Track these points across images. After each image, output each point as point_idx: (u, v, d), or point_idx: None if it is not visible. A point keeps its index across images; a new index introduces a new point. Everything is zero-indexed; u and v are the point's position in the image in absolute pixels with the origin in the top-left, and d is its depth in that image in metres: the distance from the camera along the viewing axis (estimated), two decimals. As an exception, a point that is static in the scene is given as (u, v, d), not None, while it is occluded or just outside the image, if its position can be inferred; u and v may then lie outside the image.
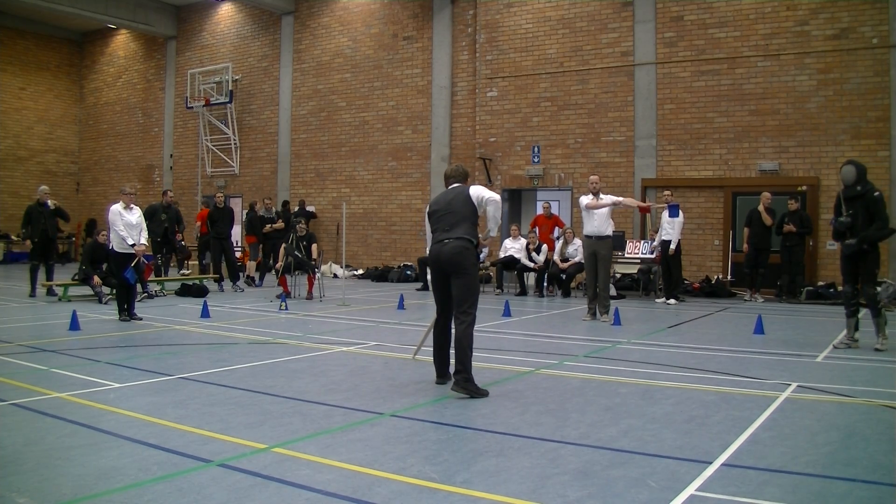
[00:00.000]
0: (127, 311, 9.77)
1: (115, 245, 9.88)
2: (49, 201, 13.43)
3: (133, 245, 9.89)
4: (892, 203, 13.30)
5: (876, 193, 7.69)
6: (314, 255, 13.24)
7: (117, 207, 10.01)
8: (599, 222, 10.19)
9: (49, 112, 25.90)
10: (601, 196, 10.26)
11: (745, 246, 13.43)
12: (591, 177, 10.76)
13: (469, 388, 5.42)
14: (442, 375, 5.92)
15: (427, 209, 6.02)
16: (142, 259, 10.28)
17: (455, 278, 5.58)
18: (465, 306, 5.55)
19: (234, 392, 5.52)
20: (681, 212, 12.89)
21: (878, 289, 8.30)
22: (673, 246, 12.65)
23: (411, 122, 18.85)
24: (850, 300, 7.89)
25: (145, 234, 10.33)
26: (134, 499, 3.31)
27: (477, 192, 5.77)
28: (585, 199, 10.32)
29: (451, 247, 5.57)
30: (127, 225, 9.94)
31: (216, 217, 14.80)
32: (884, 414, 5.09)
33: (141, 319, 9.73)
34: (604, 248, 10.22)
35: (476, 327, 5.67)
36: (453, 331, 5.63)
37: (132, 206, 10.23)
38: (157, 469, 3.70)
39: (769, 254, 13.29)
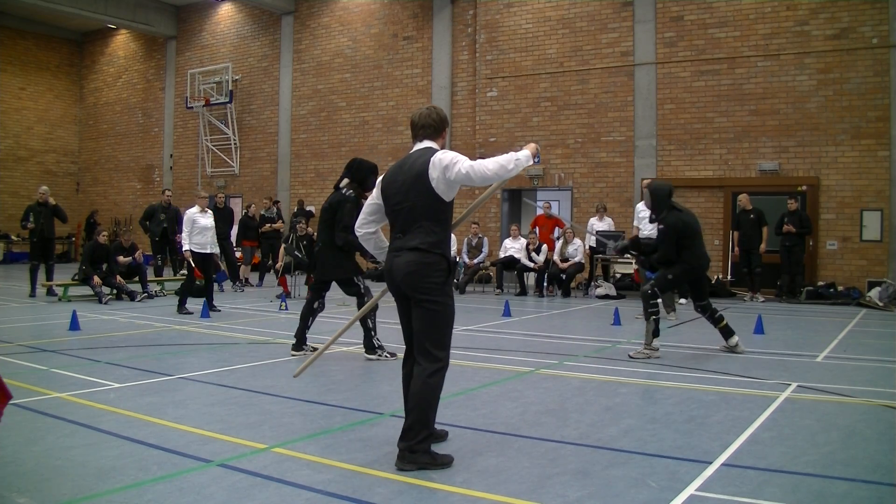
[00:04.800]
0: (210, 305, 10.74)
1: (193, 247, 10.41)
2: (50, 199, 13.47)
3: (211, 253, 10.76)
4: (893, 204, 13.31)
5: (660, 227, 7.25)
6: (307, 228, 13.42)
7: (192, 212, 10.56)
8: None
9: (49, 112, 25.87)
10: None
11: (736, 249, 13.40)
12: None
13: (418, 459, 3.75)
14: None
15: (379, 185, 4.15)
16: (141, 259, 10.46)
17: (414, 307, 3.92)
18: (427, 346, 3.86)
19: (234, 392, 5.52)
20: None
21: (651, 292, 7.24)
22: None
23: (411, 122, 18.83)
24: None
25: (215, 238, 10.98)
26: (134, 499, 3.31)
27: (440, 169, 3.85)
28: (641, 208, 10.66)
29: (405, 262, 3.87)
30: (202, 229, 10.52)
31: (216, 217, 14.77)
32: (884, 414, 5.09)
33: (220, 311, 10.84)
34: None
35: (475, 327, 4.93)
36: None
37: (207, 209, 10.82)
38: (157, 469, 3.70)
39: (760, 254, 13.23)
